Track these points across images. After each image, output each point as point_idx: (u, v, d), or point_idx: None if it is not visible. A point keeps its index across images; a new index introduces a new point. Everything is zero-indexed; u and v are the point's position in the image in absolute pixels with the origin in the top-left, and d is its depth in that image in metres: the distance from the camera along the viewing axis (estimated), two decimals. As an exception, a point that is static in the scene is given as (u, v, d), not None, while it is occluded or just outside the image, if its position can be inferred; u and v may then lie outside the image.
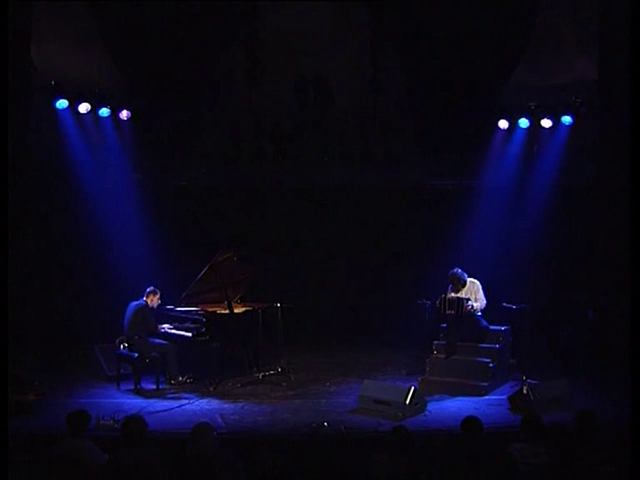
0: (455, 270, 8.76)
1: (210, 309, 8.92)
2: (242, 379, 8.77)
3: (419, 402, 7.32)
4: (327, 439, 6.48)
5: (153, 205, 10.54)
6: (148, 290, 8.68)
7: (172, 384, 8.48)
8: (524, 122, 10.40)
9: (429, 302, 9.06)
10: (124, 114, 10.21)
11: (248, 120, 11.07)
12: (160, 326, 8.74)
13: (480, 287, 8.78)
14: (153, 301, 8.68)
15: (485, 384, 8.04)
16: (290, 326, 9.02)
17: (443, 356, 8.51)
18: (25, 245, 9.34)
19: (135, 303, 8.57)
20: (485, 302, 8.72)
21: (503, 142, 10.75)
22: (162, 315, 8.90)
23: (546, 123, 10.22)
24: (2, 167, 6.34)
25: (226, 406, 7.63)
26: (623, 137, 7.90)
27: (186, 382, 8.53)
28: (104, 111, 10.05)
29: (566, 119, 10.06)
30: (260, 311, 8.92)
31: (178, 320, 8.84)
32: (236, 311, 8.89)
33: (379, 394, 7.46)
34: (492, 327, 8.64)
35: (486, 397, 7.89)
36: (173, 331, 8.74)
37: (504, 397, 7.65)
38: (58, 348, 9.53)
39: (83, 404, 6.83)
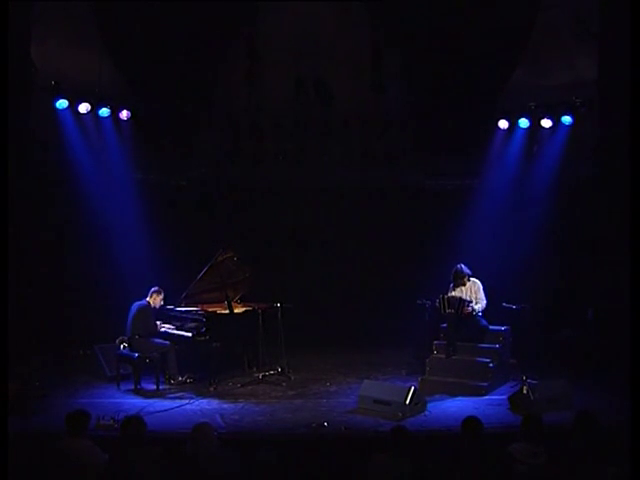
0: (458, 265, 8.79)
1: (210, 309, 8.92)
2: (242, 379, 8.77)
3: (419, 402, 7.32)
4: (327, 439, 6.48)
5: (153, 205, 10.55)
6: (152, 290, 8.69)
7: (172, 384, 8.48)
8: (524, 122, 10.41)
9: (429, 302, 9.07)
10: (124, 114, 10.22)
11: (248, 120, 11.07)
12: (160, 325, 8.74)
13: (481, 287, 8.79)
14: (156, 301, 8.69)
15: (485, 384, 8.04)
16: (290, 326, 9.02)
17: (443, 356, 8.50)
18: (25, 245, 9.33)
19: (138, 303, 8.58)
20: (485, 302, 8.72)
21: (503, 142, 10.76)
22: (163, 315, 8.90)
23: (546, 123, 10.23)
24: (2, 167, 6.34)
25: (226, 406, 7.63)
26: (623, 137, 7.89)
27: (186, 382, 8.53)
28: (104, 111, 10.06)
29: (566, 119, 10.07)
30: (260, 311, 8.91)
31: (178, 320, 8.84)
32: (236, 311, 8.89)
33: (379, 394, 7.45)
34: (492, 327, 8.65)
35: (486, 397, 7.88)
36: (173, 331, 8.74)
37: (504, 397, 7.65)
38: (59, 348, 9.54)
39: (83, 404, 6.83)
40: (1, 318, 5.81)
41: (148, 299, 8.65)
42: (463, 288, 8.78)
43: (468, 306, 8.54)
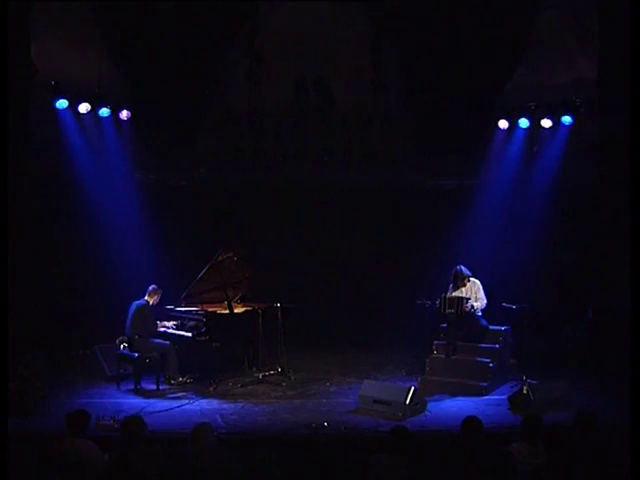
0: (458, 267, 8.79)
1: (210, 309, 8.92)
2: (242, 379, 8.78)
3: (419, 402, 7.32)
4: (327, 439, 6.48)
5: (153, 205, 10.55)
6: (150, 289, 8.69)
7: (172, 384, 8.48)
8: (524, 122, 10.40)
9: (429, 302, 9.07)
10: (124, 114, 10.22)
11: (248, 120, 11.07)
12: (160, 324, 8.73)
13: (481, 286, 8.80)
14: (154, 300, 8.69)
15: (485, 384, 8.04)
16: (290, 326, 9.02)
17: (443, 356, 8.51)
18: (25, 245, 9.33)
19: (136, 303, 8.58)
20: (485, 301, 8.73)
21: (503, 142, 10.75)
22: (162, 315, 8.90)
23: (546, 123, 10.22)
24: (2, 167, 6.34)
25: (226, 406, 7.63)
26: (623, 137, 7.90)
27: (186, 382, 8.53)
28: (104, 111, 10.06)
29: (566, 119, 10.07)
30: (260, 311, 8.91)
31: (178, 320, 8.84)
32: (236, 311, 8.90)
33: (379, 394, 7.46)
34: (492, 327, 8.65)
35: (486, 397, 7.89)
36: (173, 331, 8.74)
37: (504, 397, 7.66)
38: (59, 348, 9.54)
39: (83, 404, 6.84)
40: (1, 318, 5.82)
41: (146, 298, 8.65)
42: (463, 289, 8.79)
43: (467, 303, 8.54)
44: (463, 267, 8.81)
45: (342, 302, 11.30)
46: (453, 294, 8.77)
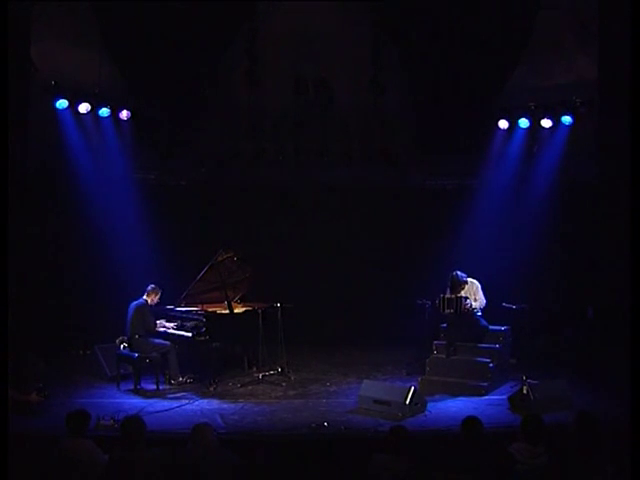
0: (454, 273, 8.75)
1: (210, 309, 8.92)
2: (242, 379, 8.77)
3: (419, 402, 7.32)
4: (327, 439, 6.47)
5: (153, 205, 10.55)
6: (149, 288, 8.69)
7: (172, 384, 8.48)
8: (524, 122, 10.41)
9: (429, 302, 9.07)
10: (124, 114, 10.23)
11: (248, 120, 11.07)
12: (160, 323, 8.73)
13: (479, 287, 8.78)
14: (153, 299, 8.69)
15: (485, 384, 8.04)
16: (290, 326, 9.02)
17: (443, 356, 8.51)
18: (25, 245, 9.32)
19: (135, 303, 8.58)
20: (485, 302, 8.73)
21: (503, 142, 10.76)
22: (163, 315, 8.90)
23: (546, 123, 10.23)
24: (2, 167, 6.34)
25: (226, 406, 7.63)
26: (623, 137, 7.90)
27: (186, 382, 8.53)
28: (104, 111, 10.07)
29: (566, 119, 10.08)
30: (260, 311, 8.91)
31: (178, 320, 8.84)
32: (236, 311, 8.90)
33: (379, 394, 7.46)
34: (492, 327, 8.65)
35: (486, 397, 7.88)
36: (173, 331, 8.74)
37: (504, 397, 7.65)
38: (59, 348, 9.54)
39: (83, 404, 6.82)
40: (1, 318, 5.81)
41: (145, 297, 8.65)
42: (462, 292, 8.75)
43: (466, 301, 8.54)
44: (459, 272, 8.75)
45: (342, 302, 11.30)
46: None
